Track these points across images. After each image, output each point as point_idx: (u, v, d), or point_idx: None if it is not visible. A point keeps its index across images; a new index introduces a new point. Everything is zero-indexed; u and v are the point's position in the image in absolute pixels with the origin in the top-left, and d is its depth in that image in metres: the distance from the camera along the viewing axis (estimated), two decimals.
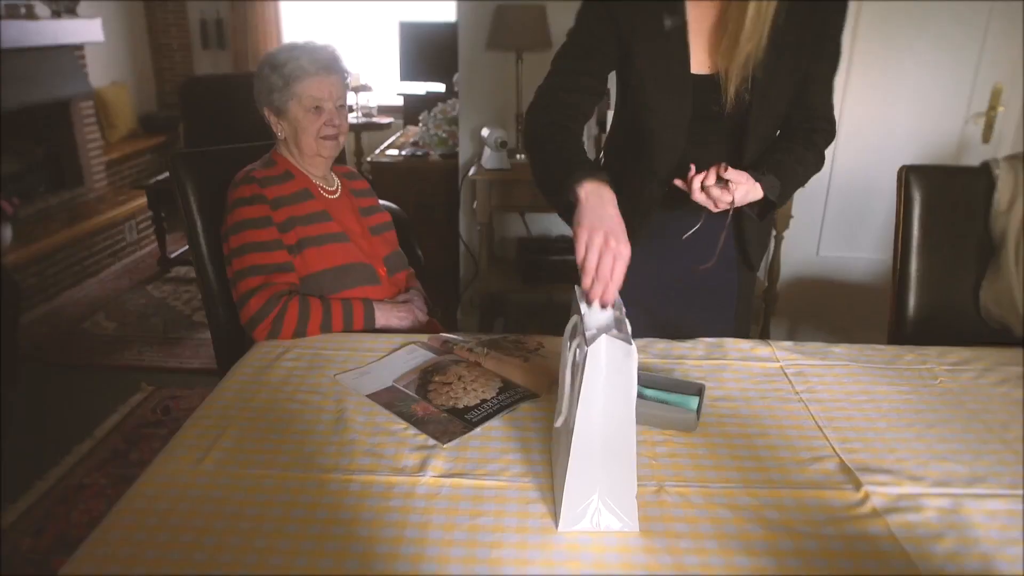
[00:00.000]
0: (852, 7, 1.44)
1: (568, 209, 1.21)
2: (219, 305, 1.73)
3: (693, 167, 1.32)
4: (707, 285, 1.57)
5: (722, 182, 1.30)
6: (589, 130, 2.90)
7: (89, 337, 3.45)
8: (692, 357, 1.42)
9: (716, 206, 1.33)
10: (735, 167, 1.32)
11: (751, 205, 1.39)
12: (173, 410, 2.79)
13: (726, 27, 1.32)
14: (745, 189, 1.32)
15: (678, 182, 1.34)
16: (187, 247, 1.81)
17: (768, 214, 1.44)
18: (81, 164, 4.46)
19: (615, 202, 1.17)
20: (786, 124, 1.47)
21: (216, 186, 1.69)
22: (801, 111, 1.45)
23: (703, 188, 1.31)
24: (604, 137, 1.58)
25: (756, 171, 1.35)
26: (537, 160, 1.39)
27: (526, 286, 3.15)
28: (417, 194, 3.65)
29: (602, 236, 1.08)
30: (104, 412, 2.76)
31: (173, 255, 4.31)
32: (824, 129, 1.48)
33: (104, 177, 4.65)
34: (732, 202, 1.31)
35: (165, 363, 3.18)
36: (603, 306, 1.03)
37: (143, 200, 4.42)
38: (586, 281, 1.06)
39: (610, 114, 1.65)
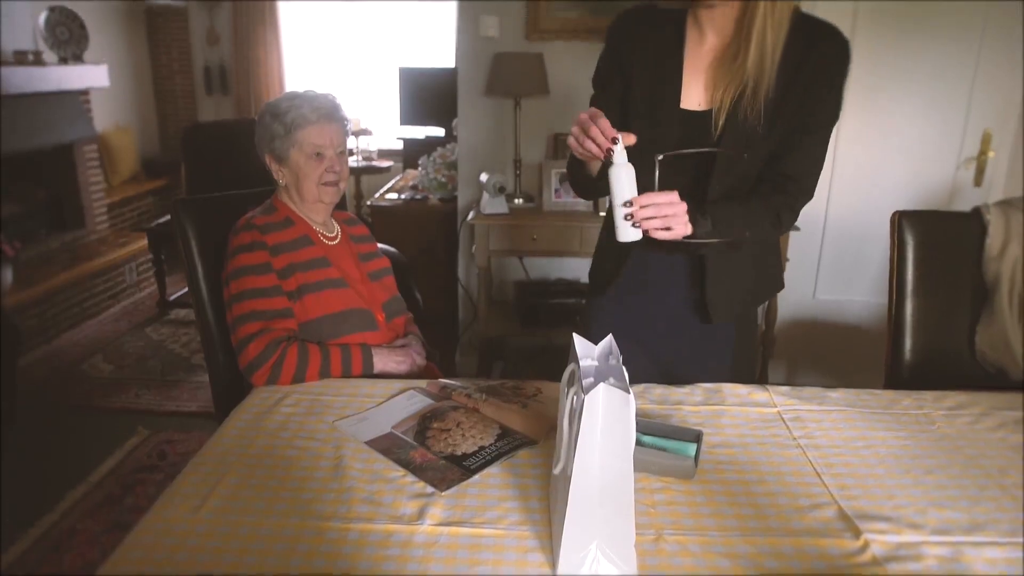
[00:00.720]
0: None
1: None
2: (218, 350, 1.74)
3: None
4: (702, 331, 1.58)
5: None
6: None
7: (87, 379, 3.44)
8: (690, 403, 1.42)
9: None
10: (699, 206, 1.34)
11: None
12: (169, 454, 2.77)
13: (731, 63, 1.36)
14: (656, 210, 1.28)
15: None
16: (186, 289, 1.83)
17: (695, 246, 1.38)
18: (83, 206, 4.50)
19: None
20: (757, 180, 1.45)
21: (217, 232, 1.70)
22: (773, 171, 1.44)
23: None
24: None
25: (696, 208, 1.33)
26: (571, 172, 1.57)
27: (525, 329, 3.16)
28: (416, 238, 3.68)
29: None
30: (100, 455, 2.74)
31: (172, 297, 4.33)
32: (791, 192, 1.43)
33: (106, 219, 4.69)
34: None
35: (162, 406, 3.17)
36: (614, 142, 1.26)
37: (143, 242, 4.45)
38: (590, 146, 1.28)
39: None
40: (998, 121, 2.99)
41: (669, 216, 1.29)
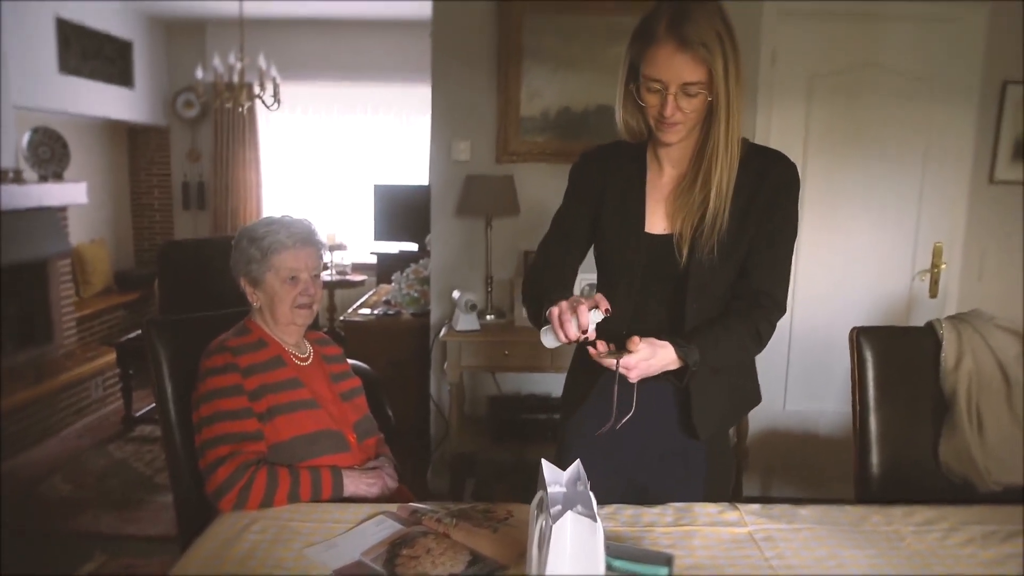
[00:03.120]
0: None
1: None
2: (185, 472, 1.71)
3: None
4: (674, 449, 1.59)
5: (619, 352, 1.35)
6: None
7: (45, 500, 3.32)
8: (661, 524, 1.42)
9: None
10: (677, 326, 1.44)
11: (674, 373, 1.42)
12: None
13: (687, 194, 1.46)
14: (646, 364, 1.35)
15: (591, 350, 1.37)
16: (153, 405, 1.82)
17: (686, 380, 1.43)
18: (52, 321, 4.46)
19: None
20: (731, 298, 1.51)
21: (189, 353, 1.71)
22: (744, 287, 1.50)
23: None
24: None
25: (680, 340, 1.39)
26: (527, 298, 1.58)
27: (497, 445, 3.14)
28: (389, 352, 3.68)
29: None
30: None
31: (138, 413, 4.24)
32: (765, 306, 1.49)
33: (75, 334, 4.65)
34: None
35: (123, 529, 3.05)
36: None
37: (111, 357, 4.39)
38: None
39: None
40: (947, 235, 3.15)
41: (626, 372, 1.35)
